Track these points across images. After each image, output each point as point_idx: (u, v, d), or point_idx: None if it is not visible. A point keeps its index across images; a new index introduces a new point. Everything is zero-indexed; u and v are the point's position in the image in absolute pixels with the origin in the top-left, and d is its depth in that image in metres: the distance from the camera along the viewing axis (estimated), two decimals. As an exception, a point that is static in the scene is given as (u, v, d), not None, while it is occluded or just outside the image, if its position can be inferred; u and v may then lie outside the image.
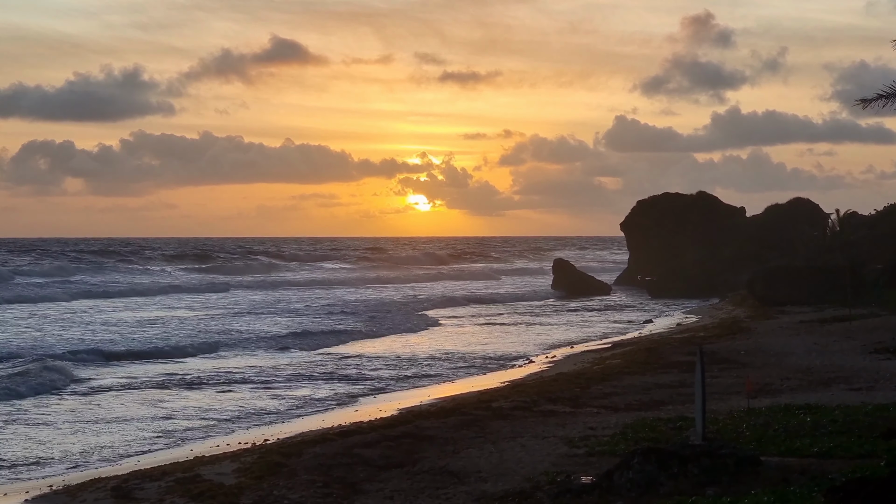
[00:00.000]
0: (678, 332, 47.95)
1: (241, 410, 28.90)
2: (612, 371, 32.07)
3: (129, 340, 45.81)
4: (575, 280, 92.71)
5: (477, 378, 35.24)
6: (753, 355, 34.82)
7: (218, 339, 46.98)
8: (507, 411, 24.41)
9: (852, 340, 37.40)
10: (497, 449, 19.80)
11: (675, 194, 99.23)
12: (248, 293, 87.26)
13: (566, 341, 48.02)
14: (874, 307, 49.41)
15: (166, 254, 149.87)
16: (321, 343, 46.41)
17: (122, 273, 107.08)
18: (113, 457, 23.04)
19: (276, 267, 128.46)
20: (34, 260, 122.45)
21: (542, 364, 38.04)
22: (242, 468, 18.81)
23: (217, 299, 78.61)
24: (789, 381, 28.28)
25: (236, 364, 38.86)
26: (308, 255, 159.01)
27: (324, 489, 17.04)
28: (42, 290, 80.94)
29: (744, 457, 15.89)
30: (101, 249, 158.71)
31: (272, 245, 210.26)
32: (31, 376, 33.48)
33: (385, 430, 22.02)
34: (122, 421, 27.34)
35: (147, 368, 37.90)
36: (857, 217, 79.19)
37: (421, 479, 17.47)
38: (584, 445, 19.61)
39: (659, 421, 21.86)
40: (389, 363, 39.20)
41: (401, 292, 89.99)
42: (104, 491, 18.06)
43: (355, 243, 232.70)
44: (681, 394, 26.27)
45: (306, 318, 58.83)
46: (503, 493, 16.14)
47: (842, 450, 17.39)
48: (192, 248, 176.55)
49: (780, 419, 20.70)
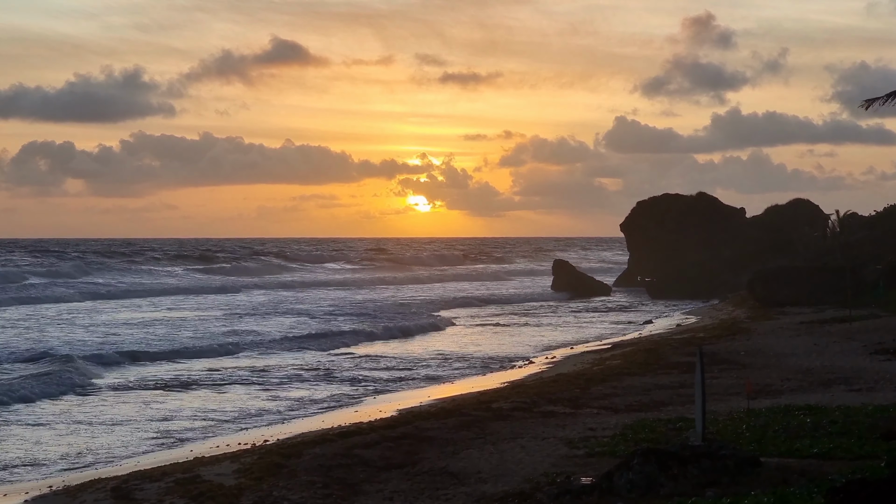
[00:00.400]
0: (678, 333, 47.94)
1: (241, 411, 28.94)
2: (612, 372, 32.06)
3: (147, 342, 45.86)
4: (575, 281, 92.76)
5: (477, 379, 35.25)
6: (753, 356, 34.81)
7: (238, 339, 47.12)
8: (506, 412, 24.41)
9: (852, 341, 37.40)
10: (497, 450, 19.79)
11: (675, 195, 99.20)
12: (267, 293, 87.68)
13: (566, 342, 48.03)
14: (874, 308, 49.40)
15: (174, 254, 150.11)
16: (333, 344, 46.29)
17: (135, 274, 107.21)
18: (111, 457, 23.08)
19: (286, 268, 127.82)
20: (51, 262, 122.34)
21: (541, 365, 38.03)
22: (242, 469, 18.80)
23: (236, 300, 78.85)
24: (789, 382, 28.27)
25: (265, 363, 39.27)
26: (310, 256, 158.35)
27: (324, 490, 17.03)
28: (61, 290, 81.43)
29: (744, 458, 15.88)
30: (113, 250, 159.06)
31: (273, 246, 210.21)
32: (53, 377, 33.65)
33: (385, 431, 22.01)
34: (131, 422, 27.38)
35: (170, 368, 38.26)
36: (856, 218, 79.23)
37: (421, 480, 17.47)
38: (584, 446, 19.60)
39: (659, 422, 21.85)
40: (391, 364, 39.20)
41: (401, 293, 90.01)
42: (104, 492, 18.06)
43: (356, 244, 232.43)
44: (681, 395, 26.26)
45: (316, 320, 58.78)
46: (503, 493, 16.13)
47: (842, 451, 17.38)
48: (199, 248, 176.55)
49: (780, 420, 20.69)
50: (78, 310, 66.00)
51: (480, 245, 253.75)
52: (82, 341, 45.96)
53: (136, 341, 46.13)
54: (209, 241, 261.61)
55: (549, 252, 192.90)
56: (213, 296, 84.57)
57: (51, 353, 39.92)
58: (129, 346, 44.32)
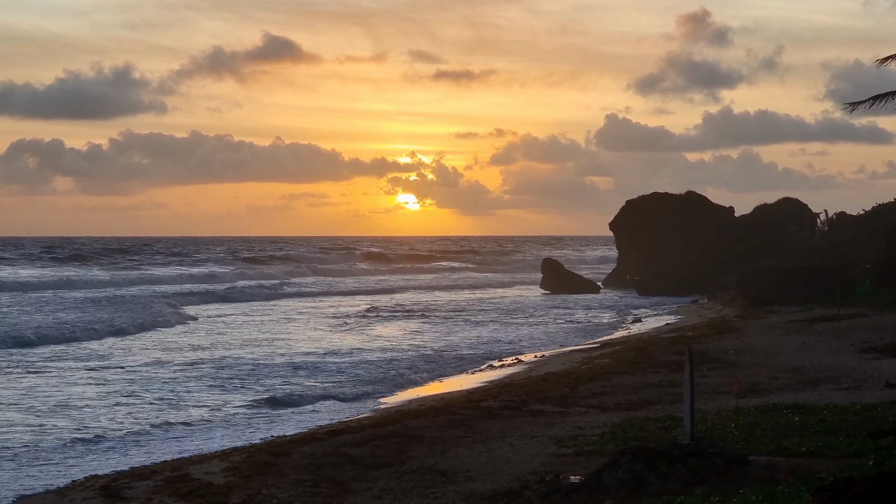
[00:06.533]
0: (667, 332, 47.97)
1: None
2: (601, 370, 32.08)
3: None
4: (564, 279, 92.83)
5: (465, 377, 35.26)
6: (742, 355, 34.86)
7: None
8: (495, 411, 24.42)
9: (840, 340, 37.47)
10: (486, 448, 19.80)
11: (663, 194, 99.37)
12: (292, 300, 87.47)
13: (554, 340, 48.05)
14: (862, 307, 49.50)
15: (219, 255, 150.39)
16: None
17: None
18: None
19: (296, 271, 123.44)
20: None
21: (530, 363, 38.04)
22: (231, 467, 18.78)
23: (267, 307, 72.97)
24: (777, 381, 28.32)
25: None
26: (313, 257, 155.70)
27: (313, 488, 17.02)
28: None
29: (732, 456, 15.93)
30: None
31: (266, 244, 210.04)
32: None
33: (374, 430, 22.01)
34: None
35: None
36: (845, 217, 79.41)
37: (410, 479, 17.47)
38: (573, 445, 19.61)
39: (648, 420, 21.89)
40: (375, 361, 39.17)
41: (384, 288, 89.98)
42: (93, 490, 18.05)
43: (345, 242, 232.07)
44: (669, 393, 26.30)
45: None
46: (492, 492, 16.14)
47: (830, 449, 17.42)
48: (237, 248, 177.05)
49: (769, 419, 20.73)
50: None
51: (470, 243, 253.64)
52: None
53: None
54: (200, 238, 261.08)
55: (539, 250, 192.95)
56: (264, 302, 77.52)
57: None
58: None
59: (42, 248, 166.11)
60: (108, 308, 63.06)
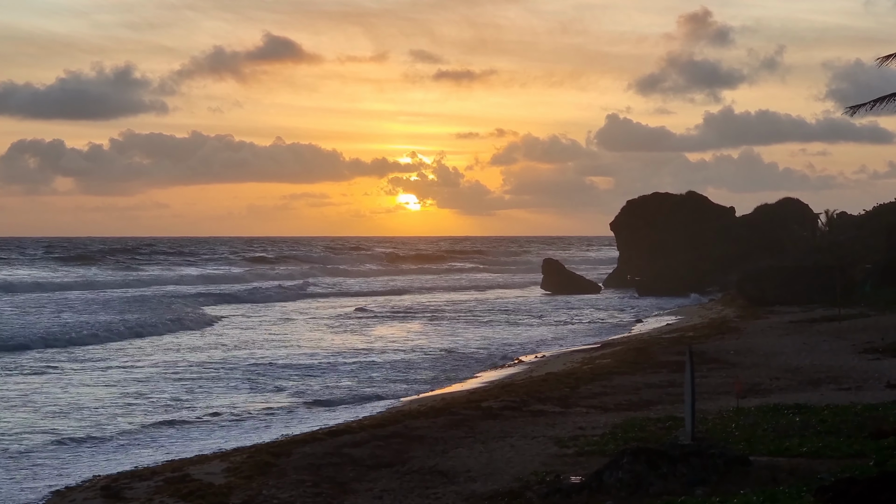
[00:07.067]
0: (667, 332, 47.97)
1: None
2: (602, 371, 32.07)
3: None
4: (565, 279, 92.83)
5: (466, 377, 35.23)
6: (743, 355, 34.86)
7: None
8: (496, 411, 24.41)
9: (841, 340, 37.47)
10: (486, 449, 19.79)
11: (664, 194, 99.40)
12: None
13: (555, 341, 48.03)
14: (863, 307, 49.51)
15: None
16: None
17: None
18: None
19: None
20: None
21: (531, 364, 38.03)
22: (232, 468, 18.78)
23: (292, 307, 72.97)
24: (778, 381, 28.31)
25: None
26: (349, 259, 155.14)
27: (313, 489, 17.02)
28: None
29: (733, 457, 15.91)
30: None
31: (268, 244, 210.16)
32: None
33: (374, 430, 22.01)
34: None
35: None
36: (846, 217, 79.46)
37: (410, 479, 17.46)
38: (574, 445, 19.60)
39: (648, 421, 21.87)
40: (378, 362, 39.17)
41: (386, 289, 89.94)
42: (93, 490, 18.04)
43: (350, 243, 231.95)
44: (670, 394, 26.29)
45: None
46: (492, 492, 16.13)
47: (831, 449, 17.41)
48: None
49: (770, 419, 20.72)
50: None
51: (470, 243, 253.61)
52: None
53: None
54: (203, 239, 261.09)
55: (540, 251, 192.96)
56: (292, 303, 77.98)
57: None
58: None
59: (43, 248, 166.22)
60: (132, 309, 62.74)
